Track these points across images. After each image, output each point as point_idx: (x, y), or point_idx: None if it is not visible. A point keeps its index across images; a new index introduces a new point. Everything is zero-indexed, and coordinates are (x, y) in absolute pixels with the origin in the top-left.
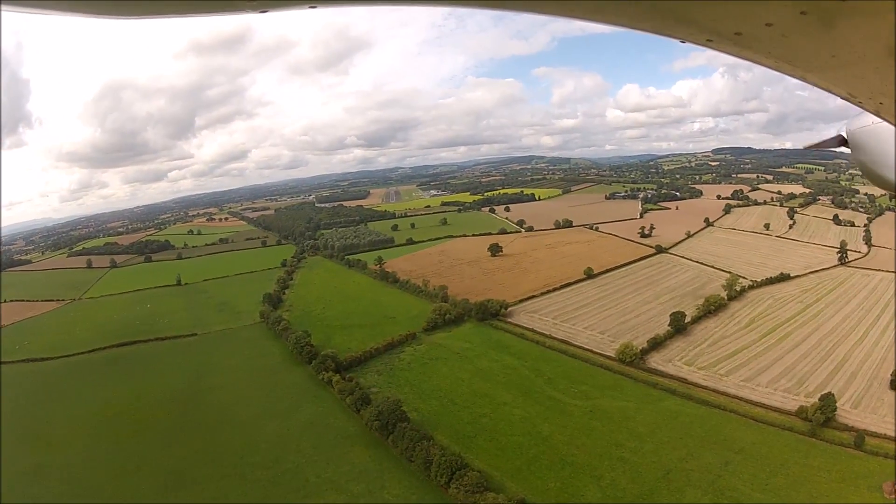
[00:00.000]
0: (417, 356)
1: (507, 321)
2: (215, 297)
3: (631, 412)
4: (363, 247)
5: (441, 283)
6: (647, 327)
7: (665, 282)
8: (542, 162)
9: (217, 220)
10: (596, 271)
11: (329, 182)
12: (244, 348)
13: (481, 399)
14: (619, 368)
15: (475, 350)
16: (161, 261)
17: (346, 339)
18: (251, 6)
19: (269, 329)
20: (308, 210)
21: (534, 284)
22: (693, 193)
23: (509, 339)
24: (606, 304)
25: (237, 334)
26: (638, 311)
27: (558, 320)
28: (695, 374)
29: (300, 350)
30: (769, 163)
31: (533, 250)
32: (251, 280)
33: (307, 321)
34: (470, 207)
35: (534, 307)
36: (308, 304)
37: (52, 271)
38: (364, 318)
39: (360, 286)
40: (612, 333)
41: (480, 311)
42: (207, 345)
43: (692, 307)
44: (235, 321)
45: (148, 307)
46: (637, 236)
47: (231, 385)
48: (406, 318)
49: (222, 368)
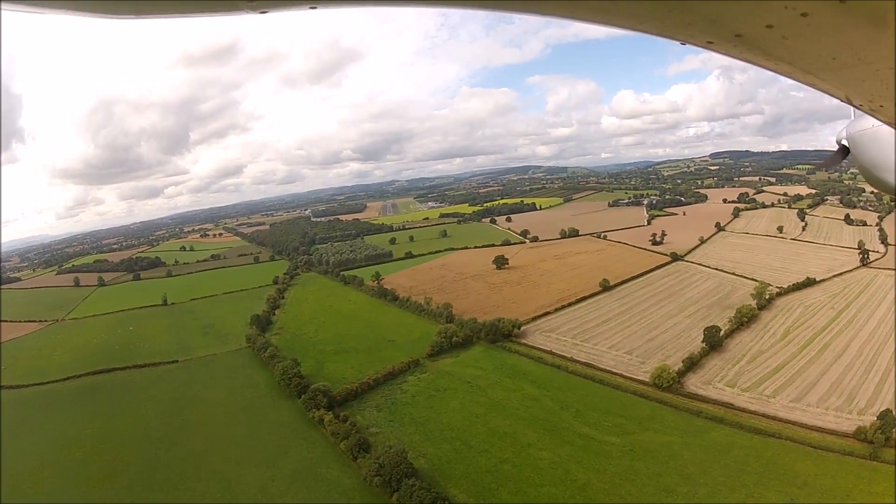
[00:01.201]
0: (422, 387)
1: (521, 342)
2: (201, 318)
3: (676, 448)
4: (359, 262)
5: (444, 299)
6: (678, 344)
7: (687, 292)
8: (539, 171)
9: (211, 235)
10: (611, 283)
11: (325, 196)
12: (228, 378)
13: (501, 440)
14: (655, 395)
15: (488, 378)
16: (150, 278)
17: (341, 366)
18: (251, 6)
19: (255, 355)
20: (303, 224)
21: (546, 299)
22: (698, 198)
23: (526, 364)
24: (628, 319)
25: (221, 361)
26: (664, 327)
27: (578, 339)
28: (740, 398)
29: (288, 382)
30: (769, 165)
31: (540, 262)
32: (241, 299)
33: (298, 346)
34: (470, 218)
35: (549, 325)
36: (300, 326)
37: (40, 290)
38: (360, 342)
39: (356, 305)
40: (640, 353)
41: (491, 332)
42: (188, 373)
43: (722, 319)
44: (220, 346)
45: (130, 329)
46: (648, 244)
47: (210, 422)
48: (407, 342)
49: (202, 402)
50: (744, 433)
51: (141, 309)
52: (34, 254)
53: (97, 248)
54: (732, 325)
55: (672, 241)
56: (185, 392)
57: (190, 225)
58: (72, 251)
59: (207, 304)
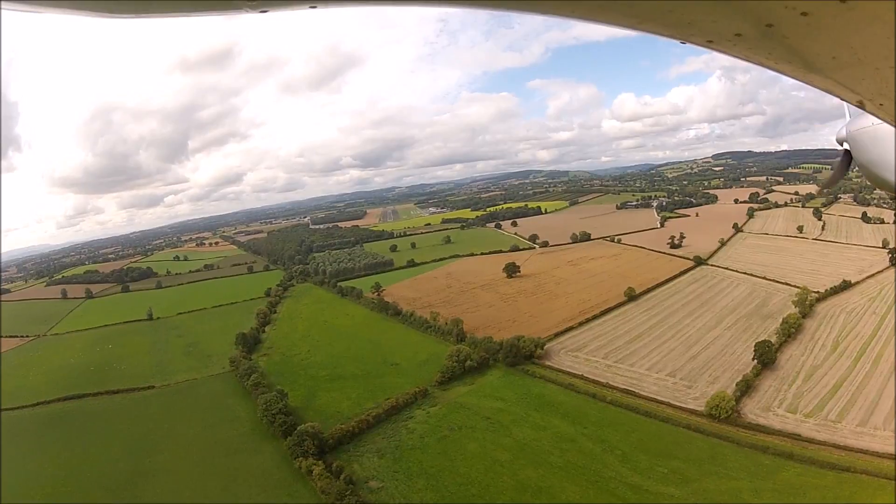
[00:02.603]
0: (433, 424)
1: (545, 365)
2: (186, 335)
3: (747, 496)
4: (358, 271)
5: (452, 313)
6: (724, 362)
7: (720, 300)
8: (541, 176)
9: (207, 244)
10: (636, 291)
11: (325, 204)
12: (206, 409)
13: (535, 497)
14: (711, 428)
15: (511, 412)
16: (139, 290)
17: (336, 396)
18: (251, 5)
19: (238, 382)
20: (301, 232)
21: (567, 311)
22: (708, 199)
23: (554, 393)
24: (663, 333)
25: (201, 388)
26: (704, 341)
27: (611, 360)
28: (804, 425)
29: (271, 419)
30: (774, 165)
31: (554, 268)
32: (230, 313)
33: (287, 370)
34: (473, 224)
35: (575, 343)
36: (291, 346)
37: (27, 302)
38: (359, 366)
39: (354, 320)
40: (684, 375)
41: (510, 354)
42: (164, 402)
43: (766, 331)
44: (202, 368)
45: (109, 348)
46: (667, 247)
47: (181, 469)
48: (413, 365)
49: (174, 440)
50: (816, 469)
51: (125, 324)
52: (31, 264)
53: (93, 258)
54: (780, 337)
55: (691, 244)
56: (157, 426)
57: (188, 234)
58: (69, 261)
59: (194, 319)
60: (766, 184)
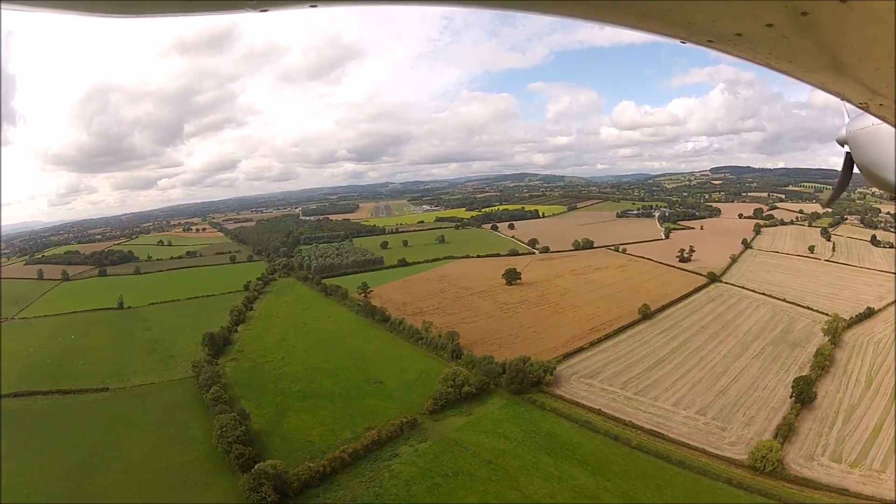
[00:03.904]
0: (421, 466)
1: (555, 394)
2: (153, 329)
3: None
4: (346, 267)
5: (446, 323)
6: (757, 399)
7: (741, 323)
8: (536, 179)
9: (195, 230)
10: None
11: (318, 195)
12: (159, 423)
13: None
14: (753, 483)
15: (518, 455)
16: (116, 275)
17: (307, 419)
18: (251, 5)
19: (199, 392)
20: (290, 223)
21: (575, 328)
22: (711, 212)
23: (568, 431)
24: (685, 360)
25: (158, 395)
26: (732, 372)
27: (630, 390)
28: (850, 477)
29: (227, 447)
30: (774, 181)
31: (556, 277)
32: (204, 306)
33: (256, 380)
34: (468, 224)
35: (587, 367)
36: (263, 351)
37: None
38: (337, 382)
39: (336, 324)
40: (716, 414)
41: (515, 379)
42: (115, 409)
43: (796, 361)
44: (163, 371)
45: (72, 338)
46: (675, 260)
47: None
48: (399, 385)
49: (119, 460)
50: None
51: (94, 312)
52: (20, 241)
53: (81, 237)
54: (815, 370)
55: (700, 258)
56: (104, 440)
57: (178, 218)
58: (56, 240)
59: (165, 312)
60: (768, 200)
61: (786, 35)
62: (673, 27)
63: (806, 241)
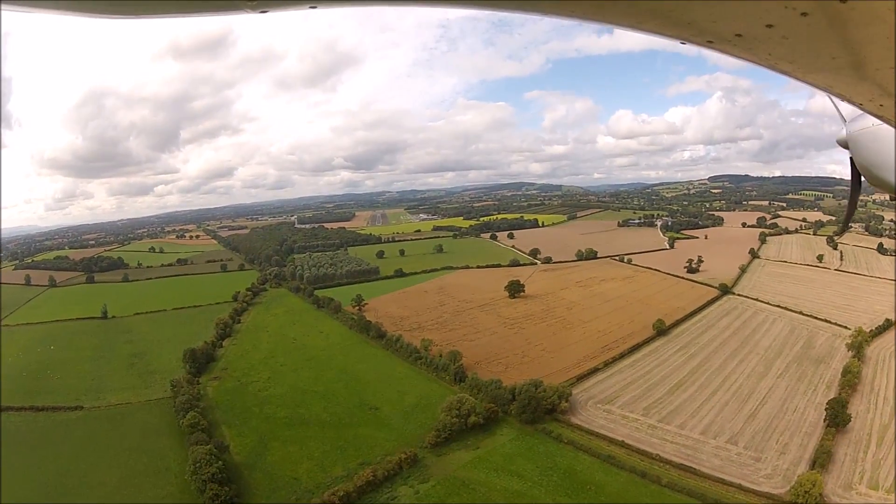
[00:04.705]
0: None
1: (572, 423)
2: (136, 342)
3: None
4: (340, 278)
5: (447, 339)
6: (788, 423)
7: (759, 338)
8: (533, 189)
9: (188, 237)
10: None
11: (314, 204)
12: (131, 452)
13: None
14: None
15: (534, 496)
16: (104, 282)
17: (294, 451)
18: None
19: (175, 415)
20: (285, 230)
21: (587, 346)
22: (714, 221)
23: (589, 468)
24: (707, 380)
25: (134, 416)
26: (759, 393)
27: (653, 417)
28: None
29: (202, 486)
30: (773, 190)
31: (561, 289)
32: (190, 318)
33: (239, 403)
34: (467, 233)
35: (604, 391)
36: (248, 369)
37: None
38: (328, 407)
39: (328, 340)
40: (748, 442)
41: (528, 408)
42: (88, 431)
43: (822, 379)
44: (141, 389)
45: (52, 350)
46: (683, 271)
47: None
48: (397, 411)
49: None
50: None
51: (77, 321)
52: (15, 245)
53: (73, 243)
54: (845, 390)
55: (708, 269)
56: (72, 467)
57: (173, 225)
58: (50, 244)
59: (150, 323)
60: (769, 209)
61: (786, 36)
62: (673, 28)
63: (812, 249)
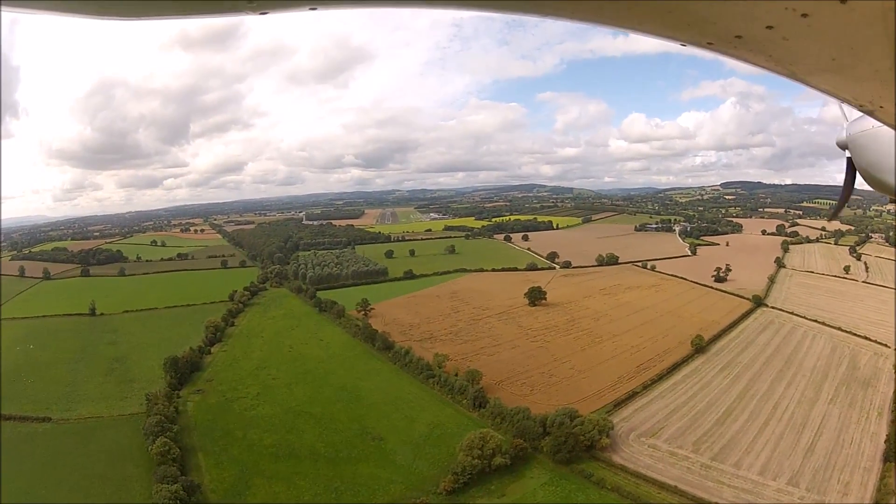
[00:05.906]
0: None
1: (614, 462)
2: (119, 344)
3: None
4: (345, 279)
5: (462, 353)
6: (846, 457)
7: (803, 358)
8: (545, 190)
9: (193, 230)
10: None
11: (324, 200)
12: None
13: None
14: None
15: None
16: (100, 276)
17: (280, 492)
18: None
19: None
20: (292, 227)
21: (621, 365)
22: (733, 227)
23: None
24: (758, 408)
25: (103, 433)
26: (813, 423)
27: (705, 455)
28: None
29: None
30: (787, 197)
31: (584, 297)
32: (182, 318)
33: (221, 423)
34: (479, 234)
35: (646, 420)
36: (236, 382)
37: None
38: (323, 435)
39: (328, 350)
40: (809, 483)
41: (564, 447)
42: (51, 449)
43: (875, 406)
44: (115, 401)
45: (31, 349)
46: (711, 280)
47: None
48: (406, 443)
49: None
50: None
51: (63, 317)
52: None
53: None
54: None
55: (736, 278)
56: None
57: (180, 218)
58: (56, 235)
59: (138, 322)
60: (786, 216)
61: (786, 37)
62: (672, 29)
63: (836, 259)
